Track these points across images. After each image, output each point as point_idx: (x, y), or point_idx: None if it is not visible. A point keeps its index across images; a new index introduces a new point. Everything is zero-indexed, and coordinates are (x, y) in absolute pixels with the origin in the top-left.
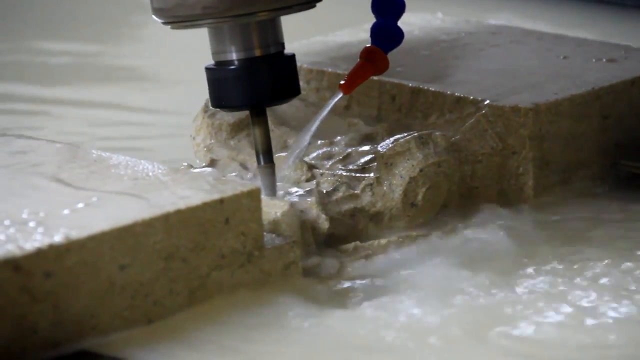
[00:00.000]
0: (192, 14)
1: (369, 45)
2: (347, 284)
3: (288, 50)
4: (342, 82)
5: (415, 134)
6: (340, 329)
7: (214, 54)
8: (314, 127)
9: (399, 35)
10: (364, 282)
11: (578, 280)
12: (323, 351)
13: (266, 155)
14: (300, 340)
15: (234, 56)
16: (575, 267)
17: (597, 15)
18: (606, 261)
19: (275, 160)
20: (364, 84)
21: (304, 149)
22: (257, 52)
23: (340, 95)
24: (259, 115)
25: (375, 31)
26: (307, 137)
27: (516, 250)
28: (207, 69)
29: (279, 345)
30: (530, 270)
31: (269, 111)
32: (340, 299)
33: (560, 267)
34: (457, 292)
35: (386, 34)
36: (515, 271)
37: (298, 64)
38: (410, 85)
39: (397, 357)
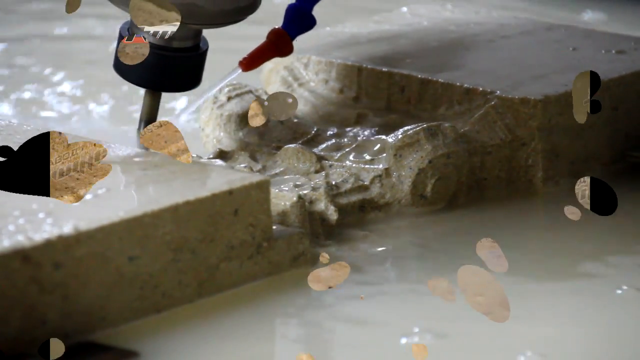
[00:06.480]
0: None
1: (278, 27)
2: (357, 274)
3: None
4: (243, 59)
5: (425, 125)
6: (351, 319)
7: (132, 23)
8: (204, 98)
9: (310, 22)
10: (374, 271)
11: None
12: (335, 342)
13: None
14: (312, 332)
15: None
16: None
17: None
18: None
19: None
20: (372, 75)
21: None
22: (171, 43)
23: (239, 71)
24: (154, 92)
25: (288, 14)
26: (196, 105)
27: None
28: (121, 34)
29: (288, 336)
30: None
31: None
32: (351, 289)
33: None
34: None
35: (299, 18)
36: None
37: (307, 54)
38: (420, 76)
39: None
